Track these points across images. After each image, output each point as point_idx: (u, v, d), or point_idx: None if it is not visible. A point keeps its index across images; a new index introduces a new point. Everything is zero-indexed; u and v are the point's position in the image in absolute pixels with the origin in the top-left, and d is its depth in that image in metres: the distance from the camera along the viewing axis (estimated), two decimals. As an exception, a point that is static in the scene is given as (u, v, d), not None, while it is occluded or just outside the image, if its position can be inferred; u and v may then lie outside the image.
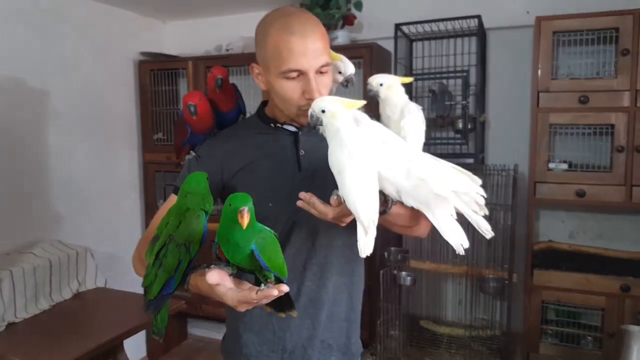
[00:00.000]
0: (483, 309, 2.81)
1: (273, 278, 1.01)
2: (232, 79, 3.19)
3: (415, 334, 2.85)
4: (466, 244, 0.97)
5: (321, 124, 1.03)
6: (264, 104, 1.34)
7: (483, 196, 1.00)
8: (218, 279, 0.97)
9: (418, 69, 2.86)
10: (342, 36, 2.80)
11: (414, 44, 2.91)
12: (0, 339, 2.05)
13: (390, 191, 1.02)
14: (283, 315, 1.08)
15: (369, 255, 0.97)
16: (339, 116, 1.01)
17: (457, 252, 0.97)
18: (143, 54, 3.29)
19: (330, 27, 2.79)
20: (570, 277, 2.43)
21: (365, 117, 1.08)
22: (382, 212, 1.06)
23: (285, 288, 0.96)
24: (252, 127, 1.31)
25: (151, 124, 3.31)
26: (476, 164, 2.71)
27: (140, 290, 1.12)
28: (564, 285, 2.44)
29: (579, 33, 2.38)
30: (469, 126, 2.69)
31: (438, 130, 2.90)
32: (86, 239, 2.80)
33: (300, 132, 1.25)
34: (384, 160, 1.00)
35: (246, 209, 0.92)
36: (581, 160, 2.45)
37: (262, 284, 0.99)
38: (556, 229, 2.77)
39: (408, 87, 2.70)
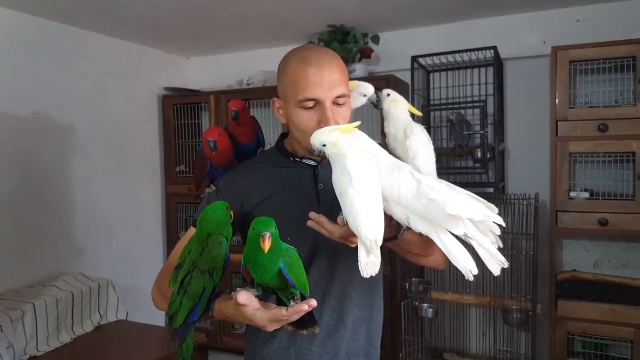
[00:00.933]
0: (507, 340, 2.75)
1: (299, 295, 1.02)
2: (253, 112, 3.29)
3: (438, 367, 2.80)
4: (475, 271, 0.95)
5: (324, 155, 1.06)
6: (284, 136, 1.37)
7: (500, 226, 0.98)
8: (247, 300, 0.98)
9: (436, 100, 2.90)
10: (360, 69, 2.85)
11: (432, 75, 2.95)
12: (23, 372, 2.06)
13: (400, 217, 1.02)
14: (305, 332, 1.08)
15: (373, 276, 0.97)
16: (340, 144, 1.03)
17: (466, 279, 0.96)
18: (167, 89, 3.38)
19: (348, 60, 2.85)
20: (596, 308, 2.38)
21: (373, 146, 1.08)
22: (394, 238, 1.08)
23: (314, 303, 0.97)
24: (271, 160, 1.33)
25: (174, 156, 3.37)
26: (497, 193, 2.70)
27: (161, 323, 1.13)
28: (590, 316, 2.38)
29: (595, 62, 2.39)
30: (488, 155, 2.69)
31: (457, 159, 2.90)
32: (108, 272, 2.83)
33: (319, 166, 1.27)
34: (391, 182, 1.01)
35: (268, 234, 0.94)
36: (603, 188, 2.43)
37: (291, 302, 1.00)
38: (580, 259, 2.72)
39: (426, 117, 2.75)
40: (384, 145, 1.21)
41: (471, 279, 0.95)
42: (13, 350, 2.12)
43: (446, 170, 2.83)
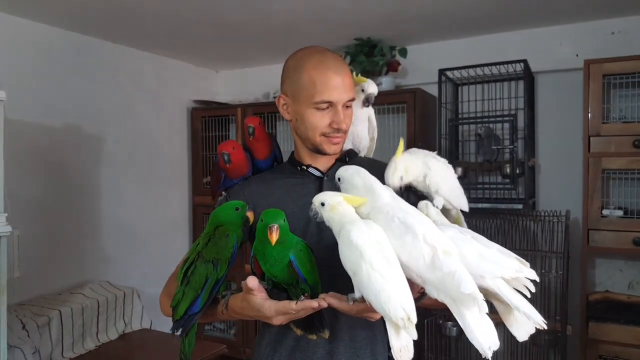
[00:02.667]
0: (537, 363, 2.66)
1: (310, 292, 1.00)
2: (279, 125, 3.29)
3: (463, 386, 2.72)
4: (496, 346, 0.86)
5: (320, 218, 1.01)
6: None
7: (534, 280, 0.93)
8: (256, 285, 0.97)
9: (464, 113, 2.85)
10: (387, 82, 2.83)
11: (460, 88, 2.90)
12: (47, 378, 2.10)
13: (417, 281, 0.92)
14: (314, 337, 1.05)
15: None
16: (339, 209, 0.97)
17: (483, 358, 0.85)
18: (196, 101, 3.43)
19: (374, 73, 2.84)
20: (630, 331, 2.28)
21: (384, 190, 1.03)
22: (417, 299, 1.01)
23: (324, 303, 0.94)
24: (282, 171, 1.35)
25: (202, 168, 3.41)
26: (526, 209, 2.63)
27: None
28: (623, 339, 2.28)
29: (630, 75, 2.31)
30: (518, 171, 2.62)
31: (486, 174, 2.85)
32: (134, 280, 2.87)
33: (325, 177, 1.27)
34: (405, 248, 0.91)
35: (275, 226, 0.94)
36: (638, 206, 2.34)
37: (301, 297, 0.98)
38: (614, 279, 2.62)
39: (454, 131, 2.71)
40: None
41: (489, 357, 0.85)
42: (39, 355, 2.17)
43: (474, 185, 2.78)
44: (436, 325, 2.61)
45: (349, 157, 1.34)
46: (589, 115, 2.35)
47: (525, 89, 2.63)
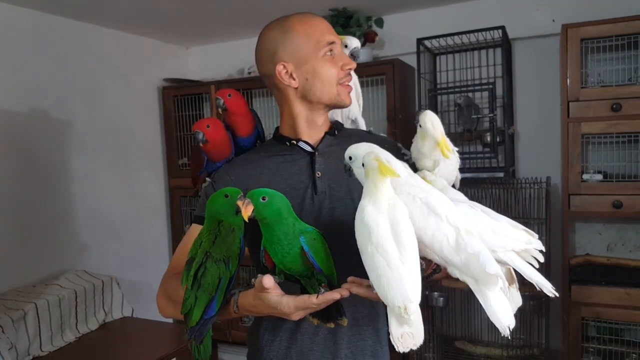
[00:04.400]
0: (520, 327, 2.70)
1: (326, 282, 0.96)
2: (256, 101, 3.22)
3: (450, 355, 2.76)
4: (513, 325, 0.87)
5: (351, 173, 1.00)
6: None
7: (541, 251, 0.95)
8: (272, 284, 0.92)
9: (443, 83, 2.82)
10: (364, 54, 2.76)
11: (438, 57, 2.87)
12: (27, 373, 2.03)
13: (438, 261, 0.92)
14: (332, 325, 1.02)
15: (405, 352, 0.85)
16: (372, 176, 0.92)
17: (502, 335, 0.86)
18: (166, 80, 3.31)
19: (351, 45, 2.77)
20: (610, 292, 2.32)
21: (401, 168, 0.98)
22: (428, 277, 1.01)
23: (346, 293, 0.91)
24: (268, 149, 1.28)
25: (176, 149, 3.31)
26: (507, 178, 2.64)
27: (168, 319, 1.06)
28: (604, 300, 2.33)
29: (608, 39, 2.31)
30: (498, 139, 2.62)
31: (466, 144, 2.84)
32: (112, 268, 2.79)
33: (316, 152, 1.22)
34: (428, 230, 0.89)
35: (246, 200, 0.93)
36: (617, 170, 2.36)
37: (321, 289, 0.94)
38: (593, 242, 2.67)
39: (433, 101, 2.68)
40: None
41: (507, 335, 0.86)
42: (16, 351, 2.09)
43: (455, 155, 2.76)
44: (422, 296, 2.61)
45: (337, 129, 1.28)
46: (568, 80, 2.34)
47: (504, 56, 2.61)
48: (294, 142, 1.23)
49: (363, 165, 0.94)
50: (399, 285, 0.82)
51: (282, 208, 0.95)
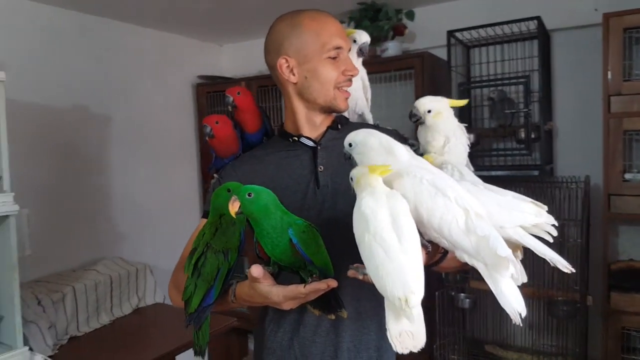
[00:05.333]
0: (555, 334, 2.57)
1: (318, 273, 0.97)
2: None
3: (479, 359, 2.66)
4: (524, 313, 0.82)
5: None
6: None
7: (554, 225, 0.90)
8: (261, 273, 0.94)
9: (476, 77, 2.72)
10: (393, 47, 2.71)
11: (471, 50, 2.77)
12: (62, 352, 2.16)
13: (445, 245, 0.89)
14: (333, 317, 1.03)
15: (408, 353, 0.81)
16: (362, 181, 0.90)
17: (513, 322, 0.83)
18: (200, 77, 3.40)
19: (380, 38, 2.72)
20: (656, 302, 2.15)
21: (403, 150, 0.97)
22: (435, 264, 0.99)
23: (333, 283, 0.91)
24: (273, 145, 1.31)
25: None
26: (542, 176, 2.50)
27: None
28: (648, 310, 2.16)
29: (654, 28, 2.14)
30: (533, 135, 2.49)
31: (500, 140, 2.72)
32: (146, 256, 2.91)
33: (318, 147, 1.23)
34: (436, 212, 0.86)
35: (234, 197, 0.95)
36: (662, 169, 2.19)
37: (309, 279, 0.96)
38: (638, 246, 2.48)
39: (466, 96, 2.58)
40: None
41: (519, 323, 0.82)
42: (55, 329, 2.23)
43: (488, 152, 2.67)
44: (449, 297, 2.55)
45: (340, 123, 1.28)
46: (609, 73, 2.19)
47: (540, 48, 2.47)
48: (296, 138, 1.25)
49: (352, 179, 0.92)
50: (400, 276, 0.78)
51: (269, 203, 0.97)
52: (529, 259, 0.91)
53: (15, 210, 1.78)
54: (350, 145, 0.99)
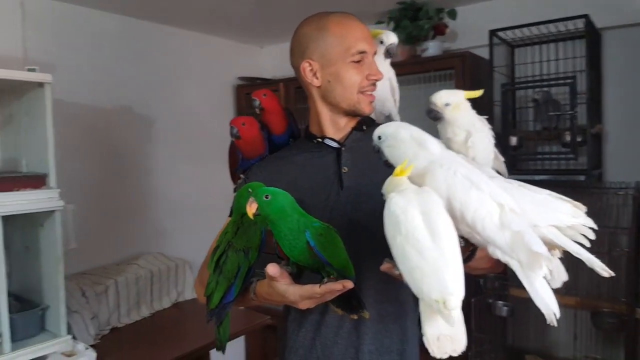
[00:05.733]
0: (602, 346, 2.45)
1: (335, 274, 0.98)
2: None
3: (520, 368, 2.57)
4: (558, 314, 0.79)
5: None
6: None
7: (592, 228, 0.86)
8: (277, 272, 0.95)
9: (520, 77, 2.63)
10: (434, 47, 2.65)
11: (515, 50, 2.68)
12: (104, 342, 2.26)
13: (478, 241, 0.86)
14: (355, 317, 1.03)
15: (447, 358, 0.80)
16: (393, 180, 0.88)
17: (548, 322, 0.79)
18: (241, 78, 3.45)
19: (420, 38, 2.68)
20: None
21: (434, 142, 0.94)
22: (466, 260, 0.94)
23: (349, 284, 0.91)
24: (298, 147, 1.32)
25: (249, 144, 3.44)
26: (589, 181, 2.39)
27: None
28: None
29: None
30: (579, 139, 2.38)
31: (545, 144, 2.62)
32: (185, 252, 2.98)
33: (343, 148, 1.23)
34: (470, 205, 0.83)
35: (251, 198, 0.96)
36: None
37: (324, 279, 0.97)
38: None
39: (510, 97, 2.50)
40: None
41: (554, 324, 0.78)
42: (97, 320, 2.33)
43: (532, 155, 2.58)
44: (486, 305, 2.48)
45: (365, 124, 1.28)
46: (664, 73, 2.07)
47: (588, 47, 2.36)
48: (320, 139, 1.26)
49: (383, 194, 0.89)
50: (436, 276, 0.75)
51: (286, 206, 0.98)
52: (573, 269, 0.87)
53: (60, 205, 1.86)
54: (379, 137, 0.96)
